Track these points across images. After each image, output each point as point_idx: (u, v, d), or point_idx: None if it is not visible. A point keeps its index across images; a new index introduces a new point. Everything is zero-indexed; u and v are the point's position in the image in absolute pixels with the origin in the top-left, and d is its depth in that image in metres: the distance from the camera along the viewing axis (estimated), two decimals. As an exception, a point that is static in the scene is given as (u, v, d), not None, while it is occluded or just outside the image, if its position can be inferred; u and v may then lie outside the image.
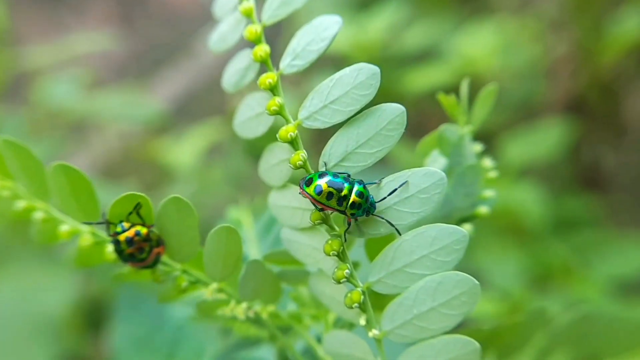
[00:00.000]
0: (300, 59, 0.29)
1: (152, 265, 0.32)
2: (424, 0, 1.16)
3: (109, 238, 0.32)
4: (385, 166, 0.37)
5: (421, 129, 0.37)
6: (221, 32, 0.33)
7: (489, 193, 0.35)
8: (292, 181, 0.30)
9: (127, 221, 0.31)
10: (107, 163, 1.24)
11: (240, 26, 0.32)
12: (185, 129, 1.12)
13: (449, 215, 0.34)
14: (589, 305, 0.78)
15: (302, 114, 0.28)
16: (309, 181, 0.28)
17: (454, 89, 0.35)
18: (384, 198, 0.28)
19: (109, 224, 0.31)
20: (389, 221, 0.27)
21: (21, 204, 0.33)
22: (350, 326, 0.34)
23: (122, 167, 1.24)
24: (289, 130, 0.28)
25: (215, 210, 0.99)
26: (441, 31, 1.04)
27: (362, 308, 0.28)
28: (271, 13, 0.31)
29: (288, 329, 0.36)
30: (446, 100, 0.34)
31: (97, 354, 0.84)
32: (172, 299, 0.35)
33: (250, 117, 0.32)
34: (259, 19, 0.31)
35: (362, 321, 0.28)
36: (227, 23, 0.33)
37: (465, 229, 0.32)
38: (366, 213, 0.27)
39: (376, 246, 0.29)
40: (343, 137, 0.28)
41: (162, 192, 1.07)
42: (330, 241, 0.28)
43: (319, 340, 0.35)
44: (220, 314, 0.34)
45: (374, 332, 0.28)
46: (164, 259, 0.32)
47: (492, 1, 1.18)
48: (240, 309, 0.33)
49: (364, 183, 0.28)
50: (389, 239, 0.28)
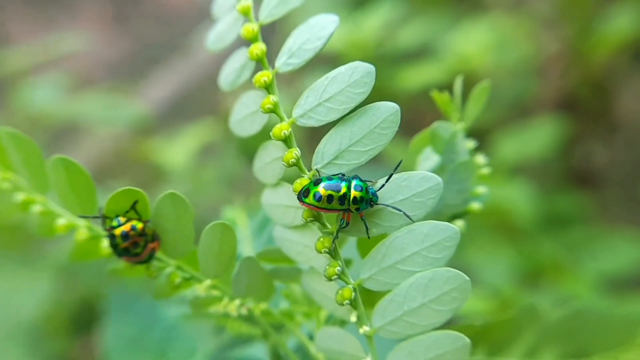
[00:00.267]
0: (296, 57, 0.29)
1: (147, 260, 0.32)
2: (418, -1, 1.17)
3: (104, 233, 0.32)
4: (379, 164, 0.37)
5: (415, 126, 0.37)
6: (219, 31, 0.34)
7: (481, 189, 0.35)
8: (285, 179, 0.31)
9: (124, 216, 0.31)
10: (99, 164, 1.24)
11: (237, 25, 0.32)
12: (179, 128, 1.12)
13: (441, 211, 0.34)
14: (578, 301, 0.78)
15: (296, 112, 0.29)
16: (305, 192, 0.28)
17: (448, 87, 0.35)
18: (382, 185, 0.28)
19: (105, 218, 0.31)
20: (396, 208, 0.27)
21: (20, 197, 0.33)
22: (341, 323, 0.34)
23: (114, 168, 1.23)
24: (282, 128, 0.28)
25: (208, 210, 0.99)
26: (436, 29, 1.04)
27: (353, 305, 0.28)
28: (268, 12, 0.31)
29: (280, 326, 0.37)
30: (440, 98, 0.34)
31: (88, 356, 0.84)
32: (167, 295, 0.35)
33: (245, 115, 0.32)
34: (256, 18, 0.31)
35: (353, 318, 0.29)
36: (224, 22, 0.33)
37: (457, 225, 0.33)
38: (370, 204, 0.28)
39: (368, 243, 0.29)
40: (337, 135, 0.28)
41: (154, 193, 1.07)
42: (321, 238, 0.28)
43: (310, 337, 0.35)
44: (213, 312, 0.34)
45: (364, 329, 0.28)
46: (159, 254, 0.32)
47: (486, -1, 1.19)
48: (233, 306, 0.33)
49: (359, 177, 0.28)
50: (380, 236, 0.28)
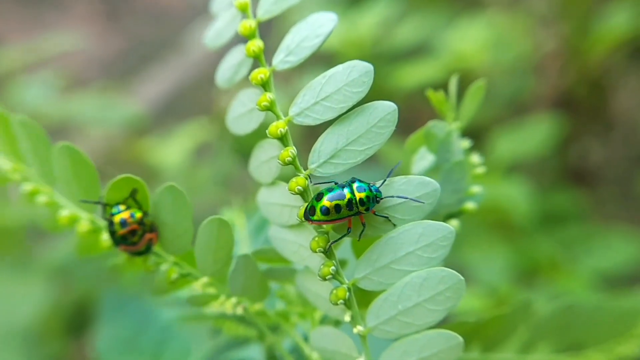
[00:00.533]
0: (293, 55, 0.29)
1: (144, 251, 0.32)
2: (415, -4, 1.16)
3: (105, 224, 0.32)
4: (375, 164, 0.37)
5: (412, 125, 0.37)
6: (217, 28, 0.34)
7: (476, 189, 0.35)
8: (281, 178, 0.30)
9: (124, 204, 0.31)
10: (93, 164, 1.23)
11: (235, 21, 0.32)
12: (172, 128, 1.11)
13: (436, 211, 0.34)
14: (572, 296, 0.78)
15: (293, 110, 0.28)
16: (311, 211, 0.28)
17: (445, 85, 0.35)
18: (384, 181, 0.28)
19: (105, 205, 0.32)
20: (402, 196, 0.27)
21: (28, 187, 0.33)
22: (336, 323, 0.34)
23: (107, 169, 1.23)
24: (279, 126, 0.28)
25: (204, 210, 0.98)
26: (432, 27, 1.04)
27: (347, 305, 0.28)
28: (267, 8, 0.31)
29: (276, 327, 0.37)
30: (435, 97, 0.34)
31: (83, 358, 0.84)
32: (164, 292, 0.35)
33: (242, 113, 0.32)
34: (254, 15, 0.31)
35: (347, 318, 0.29)
36: (223, 19, 0.33)
37: (453, 224, 0.33)
38: (376, 201, 0.28)
39: (362, 244, 0.29)
40: (333, 134, 0.28)
41: (149, 192, 1.06)
42: (316, 238, 0.28)
43: (306, 338, 0.35)
44: (209, 312, 0.35)
45: (358, 329, 0.28)
46: (157, 249, 0.32)
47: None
48: (229, 304, 0.33)
49: (356, 179, 0.28)
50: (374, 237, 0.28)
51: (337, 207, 0.27)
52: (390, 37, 1.04)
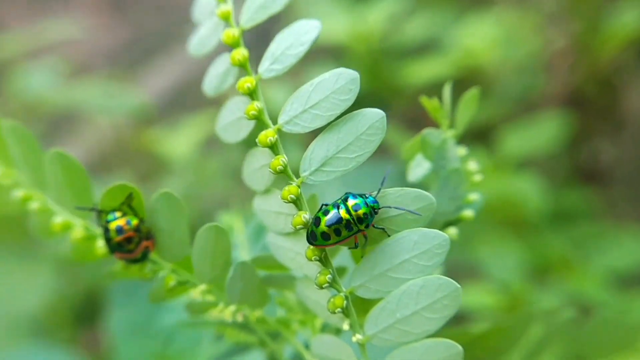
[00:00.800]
0: (279, 63, 0.29)
1: (141, 259, 0.32)
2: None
3: (100, 232, 0.32)
4: (386, 155, 0.37)
5: (421, 122, 0.36)
6: (200, 36, 0.33)
7: (474, 196, 0.35)
8: (275, 186, 0.30)
9: (120, 211, 0.31)
10: (100, 154, 1.23)
11: (219, 30, 0.32)
12: (180, 118, 1.11)
13: (433, 219, 0.34)
14: (586, 298, 0.78)
15: (282, 118, 0.28)
16: (312, 235, 0.28)
17: (454, 82, 0.35)
18: (379, 190, 0.28)
19: (100, 212, 0.31)
20: (399, 207, 0.27)
21: (19, 193, 0.33)
22: (336, 331, 0.34)
23: (115, 158, 1.23)
24: (268, 135, 0.28)
25: (212, 203, 0.98)
26: (441, 23, 1.04)
27: (346, 313, 0.28)
28: (249, 16, 0.31)
29: (277, 334, 0.36)
30: (429, 104, 0.33)
31: (92, 346, 0.84)
32: (162, 299, 0.34)
33: (231, 121, 0.31)
34: (237, 23, 0.31)
35: (346, 326, 0.28)
36: (206, 27, 0.33)
37: (451, 232, 0.33)
38: (375, 212, 0.27)
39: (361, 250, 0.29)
40: (324, 142, 0.28)
41: (157, 184, 1.06)
42: (311, 246, 0.28)
43: (307, 345, 0.35)
44: (210, 319, 0.34)
45: (357, 337, 0.28)
46: (154, 256, 0.32)
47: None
48: (228, 312, 0.32)
49: (349, 194, 0.28)
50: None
51: (337, 231, 0.27)
52: (399, 33, 1.04)
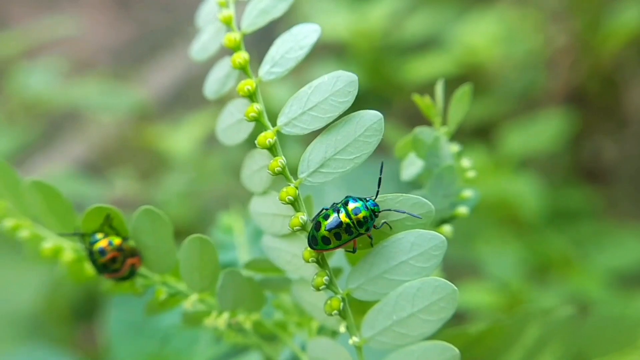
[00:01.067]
0: (278, 66, 0.29)
1: (128, 276, 0.32)
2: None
3: (86, 254, 0.32)
4: (387, 153, 0.37)
5: (422, 119, 0.36)
6: (202, 41, 0.34)
7: (468, 193, 0.35)
8: (273, 188, 0.30)
9: (102, 232, 0.31)
10: (103, 151, 1.24)
11: (220, 35, 0.32)
12: (183, 115, 1.11)
13: None
14: (586, 297, 0.78)
15: (281, 120, 0.29)
16: (313, 240, 0.28)
17: (456, 79, 0.34)
18: (377, 192, 0.28)
19: (83, 235, 0.31)
20: (399, 210, 0.27)
21: (9, 223, 0.33)
22: (333, 333, 0.34)
23: (117, 155, 1.23)
24: (267, 137, 0.28)
25: (212, 199, 0.99)
26: (443, 20, 1.03)
27: (342, 315, 0.28)
28: (250, 21, 0.31)
29: (274, 336, 0.36)
30: (421, 102, 0.33)
31: (90, 343, 0.84)
32: (156, 312, 0.34)
33: (231, 123, 0.32)
34: (239, 27, 0.31)
35: (342, 329, 0.28)
36: (208, 32, 0.34)
37: (445, 230, 0.33)
38: (375, 215, 0.27)
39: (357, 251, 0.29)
40: (322, 144, 0.28)
41: (158, 180, 1.07)
42: (308, 248, 0.28)
43: (304, 348, 0.35)
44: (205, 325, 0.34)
45: (354, 340, 0.28)
46: (143, 271, 0.32)
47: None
48: (221, 320, 0.32)
49: (349, 197, 0.28)
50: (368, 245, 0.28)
51: (337, 235, 0.27)
52: (400, 30, 1.04)
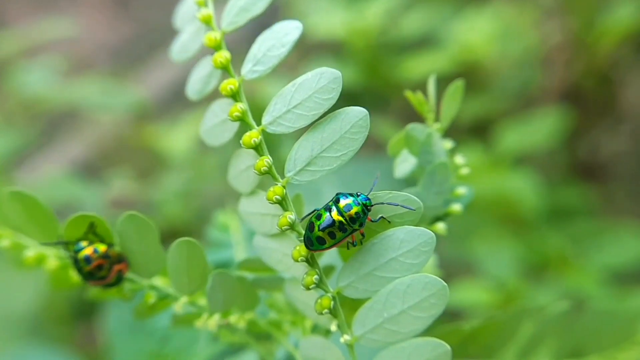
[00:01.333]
0: (261, 64, 0.29)
1: (115, 283, 0.32)
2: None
3: (70, 262, 0.31)
4: (383, 151, 0.37)
5: (419, 116, 0.36)
6: (182, 41, 0.33)
7: (461, 190, 0.35)
8: (261, 187, 0.30)
9: (86, 240, 0.31)
10: (100, 151, 1.24)
11: (200, 34, 0.32)
12: (181, 114, 1.11)
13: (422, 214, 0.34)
14: (582, 295, 0.78)
15: (265, 119, 0.28)
16: (308, 242, 0.28)
17: (452, 76, 0.34)
18: (371, 189, 0.28)
19: (67, 243, 0.31)
20: (392, 203, 0.27)
21: None
22: (326, 332, 0.34)
23: (115, 155, 1.23)
24: (252, 136, 0.28)
25: (210, 198, 0.99)
26: (439, 18, 1.03)
27: (333, 313, 0.28)
28: (230, 20, 0.31)
29: (270, 335, 0.36)
30: (414, 98, 0.33)
31: (90, 342, 0.85)
32: (146, 316, 0.34)
33: (215, 123, 0.31)
34: (219, 26, 0.31)
35: (333, 327, 0.28)
36: (188, 32, 0.33)
37: (439, 227, 0.33)
38: (368, 210, 0.27)
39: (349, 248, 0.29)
40: (308, 142, 0.28)
41: (156, 179, 1.07)
42: (298, 247, 0.28)
43: (298, 346, 0.35)
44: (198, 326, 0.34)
45: (345, 338, 0.28)
46: (131, 275, 0.32)
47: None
48: (212, 321, 0.32)
49: (340, 195, 0.28)
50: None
51: (332, 234, 0.27)
52: (397, 28, 1.04)
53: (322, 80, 0.27)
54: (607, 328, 0.38)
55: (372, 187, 0.28)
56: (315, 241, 0.27)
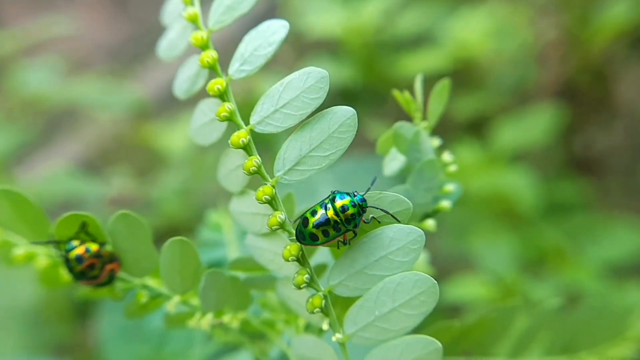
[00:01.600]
0: (248, 64, 0.29)
1: (107, 282, 0.31)
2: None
3: (61, 261, 0.31)
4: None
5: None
6: (170, 39, 0.33)
7: (450, 187, 0.35)
8: (251, 186, 0.30)
9: (77, 239, 0.30)
10: (99, 149, 1.24)
11: (187, 32, 0.32)
12: (179, 113, 1.11)
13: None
14: (579, 288, 0.79)
15: (253, 119, 0.28)
16: (300, 236, 0.28)
17: (448, 74, 0.35)
18: (369, 189, 0.28)
19: (58, 243, 0.31)
20: (384, 210, 0.27)
21: None
22: (319, 331, 0.34)
23: (114, 153, 1.24)
24: (240, 136, 0.28)
25: (208, 196, 0.99)
26: (435, 16, 1.04)
27: (325, 312, 0.28)
28: (217, 19, 0.30)
29: (264, 334, 0.36)
30: (401, 97, 0.33)
31: (85, 344, 0.84)
32: (138, 315, 0.34)
33: (204, 123, 0.31)
34: (206, 25, 0.31)
35: (325, 326, 0.28)
36: (175, 30, 0.33)
37: (429, 224, 0.33)
38: (363, 211, 0.27)
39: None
40: (296, 141, 0.28)
41: (155, 178, 1.07)
42: (288, 246, 0.28)
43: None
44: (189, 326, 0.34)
45: (337, 336, 0.28)
46: (122, 274, 0.32)
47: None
48: (205, 321, 0.32)
49: (337, 193, 0.28)
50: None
51: (325, 232, 0.27)
52: (393, 26, 1.04)
53: (310, 79, 0.27)
54: (600, 324, 0.39)
55: (369, 187, 0.28)
56: (307, 237, 0.28)
